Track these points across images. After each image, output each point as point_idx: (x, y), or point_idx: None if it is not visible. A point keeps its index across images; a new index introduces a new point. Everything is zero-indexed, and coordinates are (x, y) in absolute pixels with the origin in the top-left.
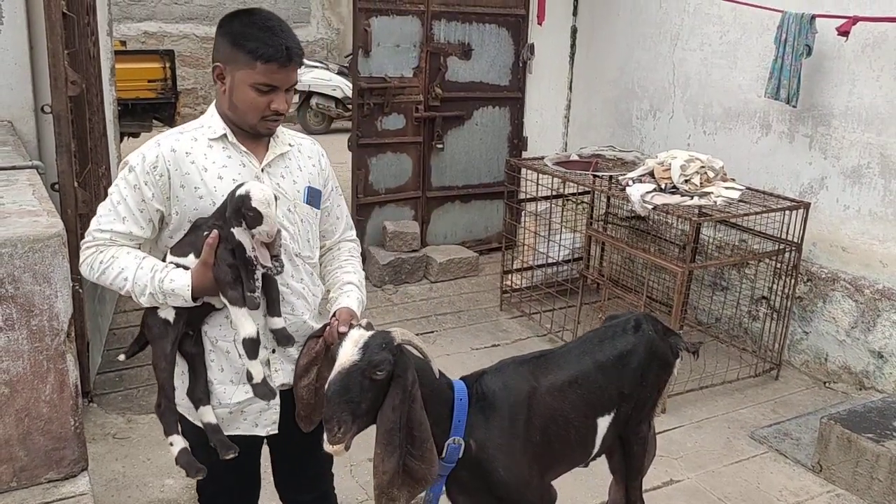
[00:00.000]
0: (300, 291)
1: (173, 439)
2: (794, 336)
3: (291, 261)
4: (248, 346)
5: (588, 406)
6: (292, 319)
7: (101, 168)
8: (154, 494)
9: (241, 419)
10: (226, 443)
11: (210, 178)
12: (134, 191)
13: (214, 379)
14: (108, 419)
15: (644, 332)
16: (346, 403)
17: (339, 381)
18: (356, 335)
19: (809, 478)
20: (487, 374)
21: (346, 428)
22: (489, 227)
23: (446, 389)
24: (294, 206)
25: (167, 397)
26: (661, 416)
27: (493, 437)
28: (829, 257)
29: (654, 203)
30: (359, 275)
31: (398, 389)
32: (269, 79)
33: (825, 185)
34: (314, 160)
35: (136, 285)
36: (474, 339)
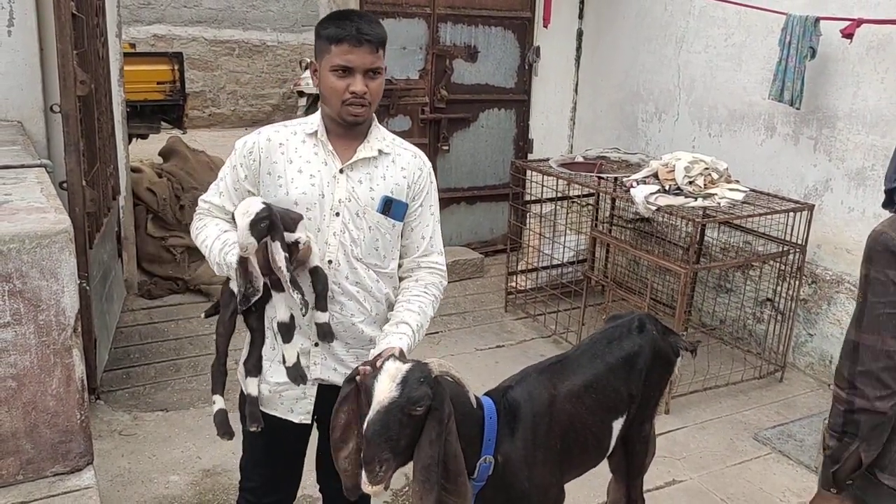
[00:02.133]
0: (353, 293)
1: (216, 398)
2: (799, 338)
3: (350, 263)
4: (281, 328)
5: (603, 409)
6: (339, 318)
7: (110, 168)
8: (159, 491)
9: (278, 401)
10: (256, 415)
11: (292, 170)
12: (233, 170)
13: (265, 355)
14: (115, 416)
15: (648, 332)
16: (385, 442)
17: (379, 420)
18: (393, 369)
19: (813, 479)
20: (513, 387)
21: (387, 466)
22: (494, 229)
23: (477, 410)
24: (364, 212)
25: (219, 359)
26: (665, 416)
27: (518, 450)
28: (833, 259)
29: (657, 204)
30: (422, 316)
31: (435, 423)
32: (344, 60)
33: (830, 187)
34: (407, 172)
35: (211, 253)
36: (479, 340)
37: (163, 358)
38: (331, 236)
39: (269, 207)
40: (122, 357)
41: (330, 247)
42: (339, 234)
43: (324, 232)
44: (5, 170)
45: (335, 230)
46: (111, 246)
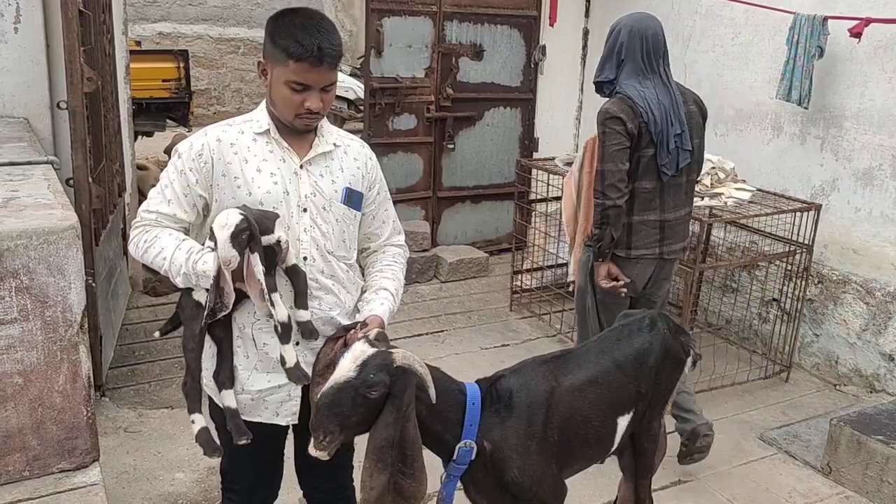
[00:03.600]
0: (329, 287)
1: (195, 417)
2: (805, 338)
3: (323, 257)
4: (282, 329)
5: (608, 405)
6: (319, 314)
7: (116, 165)
8: (164, 488)
9: (262, 407)
10: (241, 428)
11: (249, 169)
12: (180, 176)
13: (239, 365)
14: (120, 413)
15: (659, 330)
16: (334, 416)
17: (331, 394)
18: (358, 350)
19: (819, 480)
20: (506, 376)
21: (331, 438)
22: (500, 228)
23: (458, 395)
24: (329, 205)
25: (192, 377)
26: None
27: (508, 438)
28: (840, 259)
29: None
30: (397, 282)
31: (393, 409)
32: (302, 77)
33: (836, 186)
34: (360, 163)
35: (172, 265)
36: (484, 339)
37: (168, 355)
38: (301, 232)
39: (247, 217)
40: (128, 354)
41: (303, 243)
42: (310, 230)
43: (294, 229)
44: (12, 166)
45: (305, 226)
46: (117, 243)
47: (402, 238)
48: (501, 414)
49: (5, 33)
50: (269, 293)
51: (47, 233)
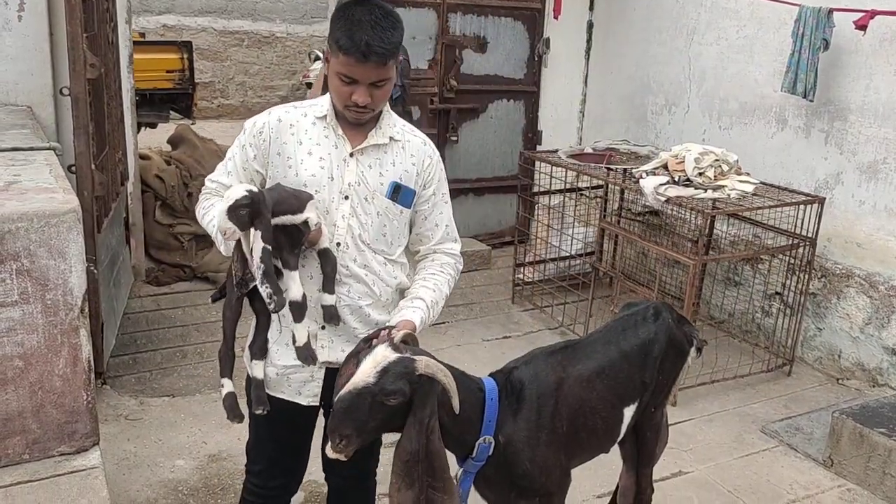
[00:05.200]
0: (361, 277)
1: (224, 382)
2: (808, 332)
3: (357, 246)
4: (293, 307)
5: (615, 396)
6: (347, 301)
7: (118, 153)
8: (164, 475)
9: (286, 384)
10: (261, 398)
11: (301, 151)
12: (242, 150)
13: (271, 338)
14: (121, 401)
15: (664, 320)
16: (351, 420)
17: (348, 399)
18: (379, 355)
19: (820, 472)
20: (518, 367)
21: (347, 441)
22: (502, 221)
23: (477, 393)
24: (373, 197)
25: (226, 344)
26: (672, 408)
27: (520, 431)
28: (843, 253)
29: (667, 195)
30: (437, 293)
31: (415, 421)
32: (348, 70)
33: (841, 180)
34: (417, 160)
35: (218, 234)
36: (486, 331)
37: (169, 344)
38: (339, 219)
39: (254, 195)
40: (129, 343)
41: (338, 229)
42: (348, 218)
43: (332, 214)
44: (14, 152)
45: (344, 213)
46: (119, 232)
47: (457, 247)
48: (514, 407)
49: (9, 21)
50: (261, 277)
51: (48, 216)
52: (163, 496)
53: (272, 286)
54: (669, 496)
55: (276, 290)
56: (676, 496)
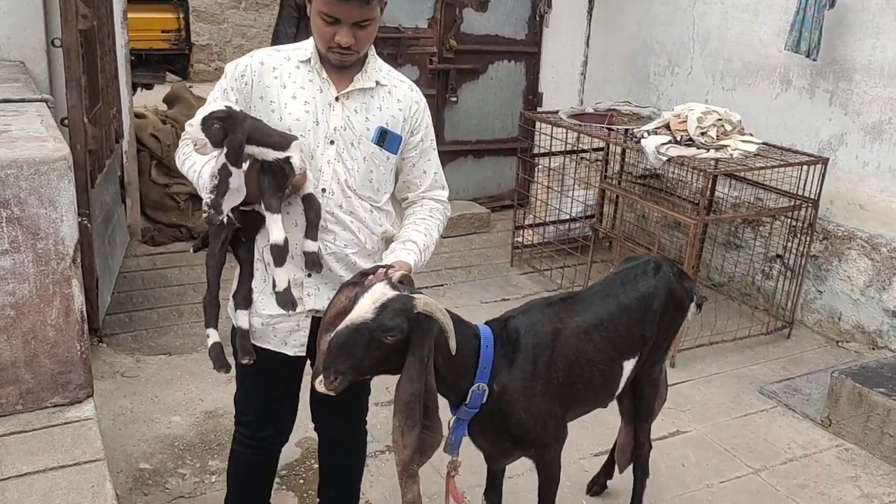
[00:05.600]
0: (347, 224)
1: (210, 332)
2: (808, 295)
3: (343, 192)
4: (274, 251)
5: (614, 349)
6: (332, 248)
7: (112, 110)
8: (161, 430)
9: (272, 334)
10: (247, 348)
11: (285, 95)
12: (223, 94)
13: (256, 287)
14: (117, 359)
15: (664, 274)
16: (346, 356)
17: (346, 335)
18: (378, 292)
19: (818, 432)
20: (515, 316)
21: (342, 379)
22: (502, 184)
23: (472, 339)
24: (359, 142)
25: (210, 293)
26: (671, 370)
27: (516, 380)
28: (845, 215)
29: (668, 155)
30: (427, 237)
31: (415, 360)
32: (329, 9)
33: (845, 141)
34: (404, 105)
35: (200, 179)
36: (484, 293)
37: (166, 303)
38: (325, 164)
39: (232, 111)
40: (125, 301)
41: (324, 174)
42: (333, 163)
43: (317, 159)
44: (5, 103)
45: (329, 158)
46: (114, 189)
47: (445, 194)
48: (509, 356)
49: None
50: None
51: (38, 163)
52: (159, 451)
53: (215, 197)
54: (667, 455)
55: (216, 202)
56: (674, 455)
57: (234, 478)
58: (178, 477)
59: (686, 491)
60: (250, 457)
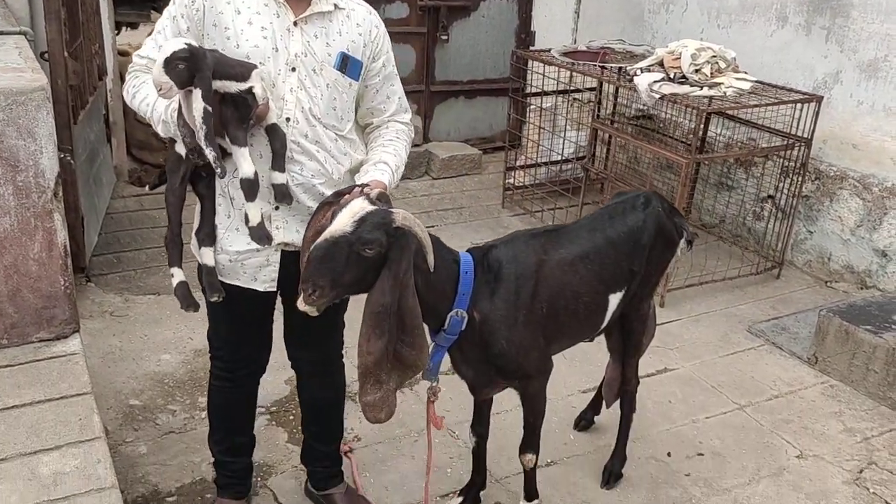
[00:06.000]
0: (313, 153)
1: (174, 271)
2: (799, 236)
3: (308, 121)
4: (245, 186)
5: (600, 282)
6: (300, 179)
7: (95, 46)
8: (150, 368)
9: (241, 270)
10: (215, 286)
11: (241, 21)
12: (173, 22)
13: (220, 224)
14: (106, 298)
15: (654, 208)
16: (326, 270)
17: (325, 248)
18: (356, 206)
19: (804, 370)
20: (497, 246)
21: (321, 293)
22: (494, 125)
23: (451, 264)
24: (321, 69)
25: (172, 230)
26: (660, 309)
27: (497, 309)
28: (838, 155)
29: (661, 92)
30: (398, 158)
31: (390, 274)
32: None
33: (840, 79)
34: (363, 29)
35: (154, 111)
36: (475, 235)
37: (154, 244)
38: (287, 92)
39: (193, 48)
40: (113, 242)
41: (287, 103)
42: (296, 91)
43: (279, 88)
44: None
45: (291, 86)
46: (98, 128)
47: (409, 116)
48: (492, 284)
49: None
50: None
51: (16, 93)
52: (149, 388)
53: (216, 149)
54: (654, 391)
55: (221, 154)
56: (660, 391)
57: (215, 412)
58: (169, 413)
59: (672, 426)
60: (229, 391)
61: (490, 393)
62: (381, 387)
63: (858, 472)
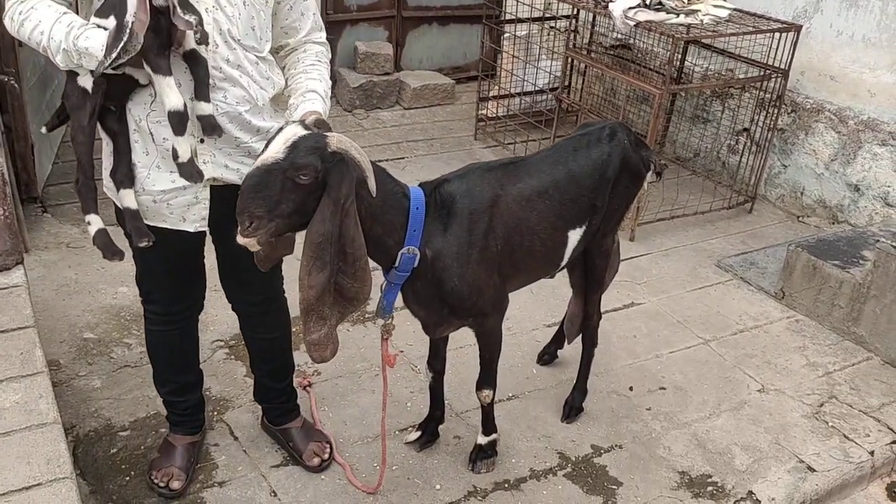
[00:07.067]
0: (236, 79)
1: (90, 218)
2: (773, 170)
3: (228, 44)
4: (173, 119)
5: (558, 218)
6: (224, 108)
7: None
8: (106, 301)
9: (167, 211)
10: (142, 230)
11: None
12: None
13: (138, 162)
14: (62, 229)
15: (619, 140)
16: (261, 200)
17: (258, 176)
18: (289, 132)
19: (771, 304)
20: (451, 180)
21: (258, 224)
22: (468, 54)
23: (401, 198)
24: None
25: (84, 174)
26: (629, 243)
27: (450, 246)
28: (815, 87)
29: (636, 20)
30: (325, 84)
31: (329, 201)
32: None
33: (820, 8)
34: None
35: (51, 41)
36: (445, 167)
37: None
38: (203, 13)
39: None
40: (71, 171)
41: (205, 26)
42: (213, 11)
43: None
44: None
45: (207, 5)
46: None
47: (324, 35)
48: (444, 220)
49: None
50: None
51: None
52: (104, 321)
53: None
54: (619, 326)
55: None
56: (626, 326)
57: (155, 356)
58: (124, 347)
59: (636, 360)
60: (166, 333)
61: (444, 332)
62: (324, 323)
63: (818, 405)
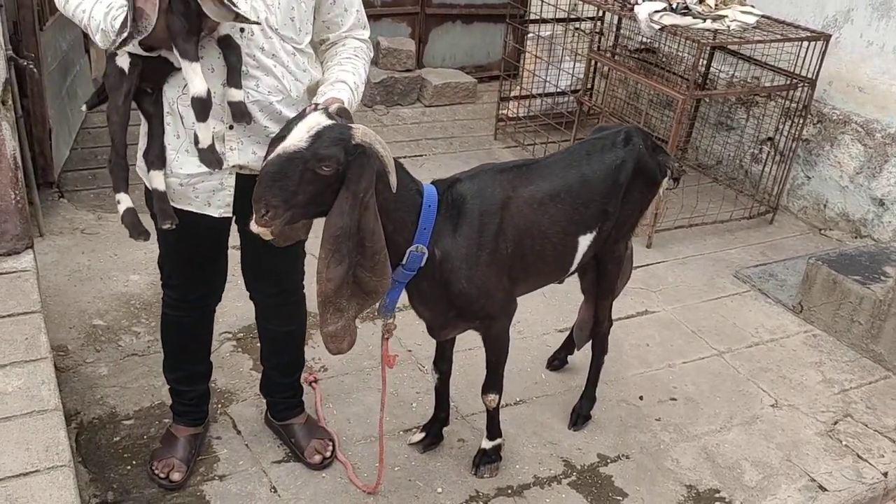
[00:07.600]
0: (270, 68)
1: (120, 197)
2: (796, 180)
3: (264, 32)
4: (196, 105)
5: (570, 222)
6: (256, 96)
7: None
8: (118, 288)
9: (192, 195)
10: (167, 212)
11: None
12: None
13: (169, 145)
14: (78, 215)
15: (634, 145)
16: (279, 189)
17: (277, 164)
18: (313, 121)
19: (788, 318)
20: (463, 180)
21: (274, 213)
22: (491, 53)
23: (414, 195)
24: None
25: (117, 152)
26: (646, 250)
27: (459, 247)
28: (843, 98)
29: (662, 23)
30: (357, 76)
31: (349, 194)
32: None
33: (850, 17)
34: None
35: (92, 20)
36: (464, 166)
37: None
38: (241, 1)
39: None
40: (89, 158)
41: None
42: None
43: None
44: None
45: None
46: (73, 38)
47: (367, 33)
48: (455, 221)
49: None
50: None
51: None
52: (114, 308)
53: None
54: (632, 333)
55: None
56: (639, 334)
57: (168, 342)
58: (132, 335)
59: (647, 370)
60: (182, 319)
61: (449, 334)
62: (341, 315)
63: (833, 423)
